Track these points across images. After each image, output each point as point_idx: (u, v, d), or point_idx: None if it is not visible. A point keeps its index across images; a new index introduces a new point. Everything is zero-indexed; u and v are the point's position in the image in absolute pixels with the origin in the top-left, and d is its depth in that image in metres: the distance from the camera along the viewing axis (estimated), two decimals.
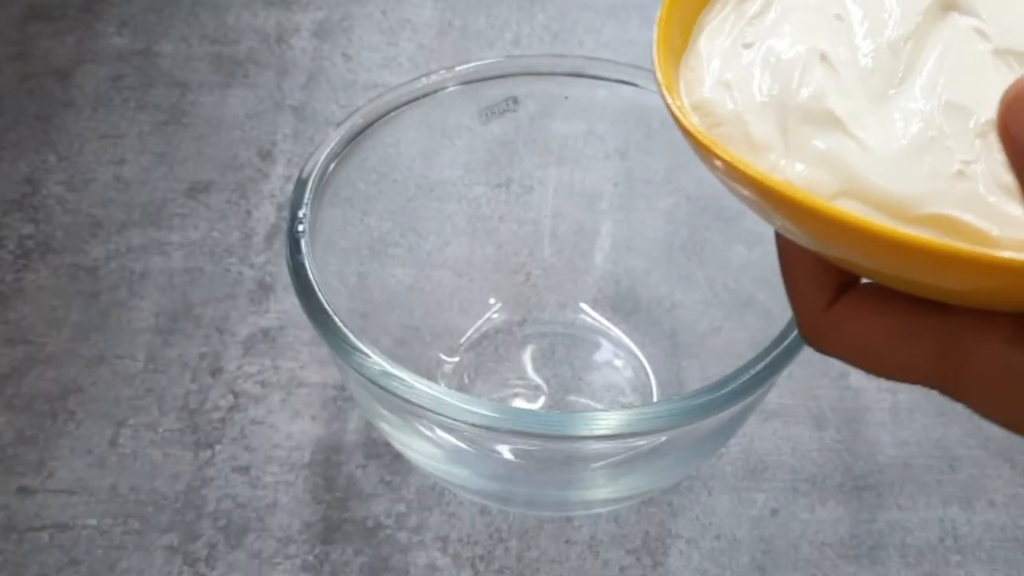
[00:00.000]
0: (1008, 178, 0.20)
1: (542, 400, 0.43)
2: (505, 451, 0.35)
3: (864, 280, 0.24)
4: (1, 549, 0.39)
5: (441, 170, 0.43)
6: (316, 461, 0.42)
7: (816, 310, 0.24)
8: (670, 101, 0.23)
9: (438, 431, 0.34)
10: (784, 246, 0.25)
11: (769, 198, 0.21)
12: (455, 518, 0.40)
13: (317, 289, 0.33)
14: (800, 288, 0.24)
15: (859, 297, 0.23)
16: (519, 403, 0.43)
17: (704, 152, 0.22)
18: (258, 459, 0.42)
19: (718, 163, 0.22)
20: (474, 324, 0.45)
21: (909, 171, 0.20)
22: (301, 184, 0.36)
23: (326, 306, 0.33)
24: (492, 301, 0.46)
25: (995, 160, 0.20)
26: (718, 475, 0.42)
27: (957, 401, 0.22)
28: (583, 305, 0.46)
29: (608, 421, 0.31)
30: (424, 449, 0.36)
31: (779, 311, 0.33)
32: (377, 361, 0.31)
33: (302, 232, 0.35)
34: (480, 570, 0.39)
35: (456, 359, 0.44)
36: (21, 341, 0.45)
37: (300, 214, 0.35)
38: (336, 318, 0.33)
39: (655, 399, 0.43)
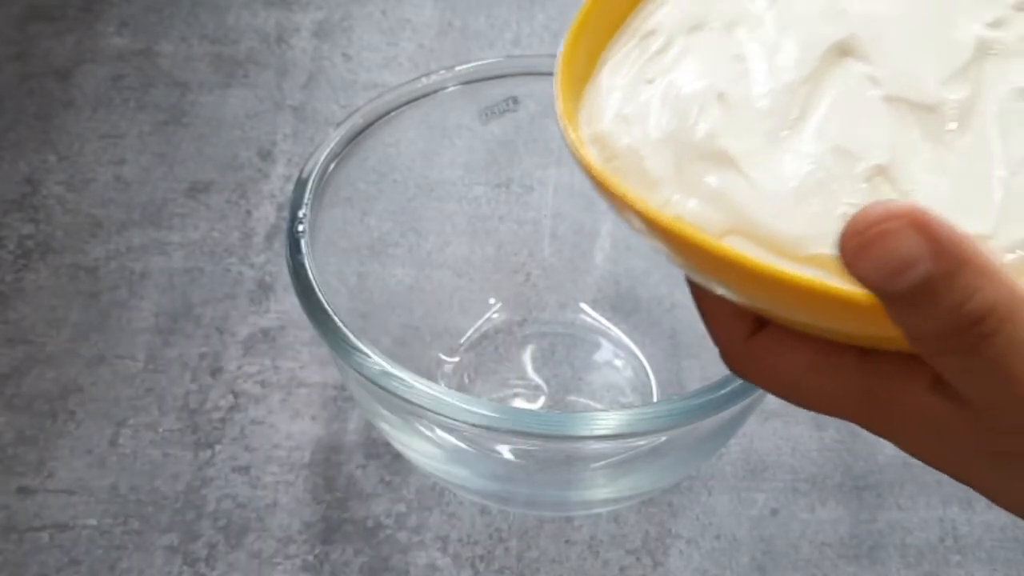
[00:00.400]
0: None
1: (542, 400, 0.43)
2: (505, 451, 0.35)
3: None
4: (1, 549, 0.39)
5: (441, 170, 0.43)
6: (316, 461, 0.42)
7: (736, 339, 0.24)
8: (569, 133, 0.23)
9: (438, 431, 0.34)
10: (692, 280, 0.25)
11: (653, 230, 0.21)
12: (455, 518, 0.40)
13: (317, 289, 0.33)
14: (715, 319, 0.24)
15: (783, 329, 0.23)
16: (519, 403, 0.43)
17: (597, 184, 0.22)
18: (258, 459, 0.42)
19: (609, 195, 0.22)
20: (474, 324, 0.45)
21: (797, 212, 0.21)
22: (301, 184, 0.36)
23: (326, 306, 0.33)
24: (492, 301, 0.45)
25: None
26: (718, 475, 0.42)
27: (883, 438, 0.23)
28: (583, 305, 0.46)
29: (608, 421, 0.31)
30: (424, 449, 0.36)
31: None
32: (377, 361, 0.31)
33: (302, 232, 0.35)
34: (480, 570, 0.39)
35: (456, 359, 0.44)
36: (21, 341, 0.45)
37: (300, 214, 0.35)
38: (336, 318, 0.33)
39: (655, 399, 0.43)
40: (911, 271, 0.18)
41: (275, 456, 0.42)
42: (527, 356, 0.45)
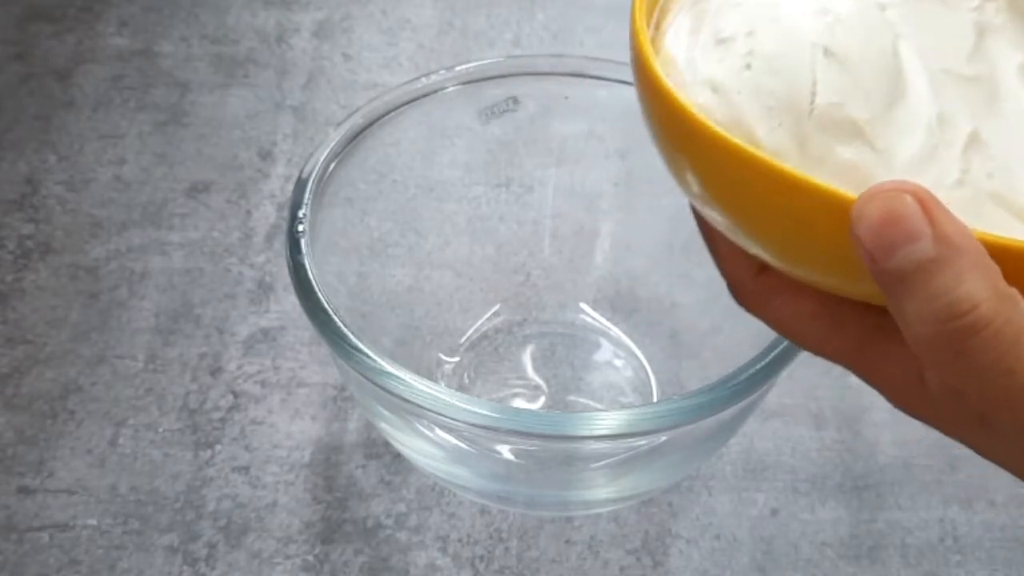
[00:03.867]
0: (995, 184, 0.21)
1: (542, 400, 0.43)
2: (505, 451, 0.35)
3: None
4: (1, 549, 0.39)
5: (441, 170, 0.43)
6: (316, 461, 0.42)
7: (746, 276, 0.25)
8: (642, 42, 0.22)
9: (438, 431, 0.34)
10: (700, 216, 0.25)
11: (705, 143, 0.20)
12: (455, 518, 0.40)
13: (317, 289, 0.33)
14: (727, 257, 0.25)
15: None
16: (519, 403, 0.43)
17: (677, 120, 0.21)
18: (258, 459, 0.42)
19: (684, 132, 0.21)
20: (474, 324, 0.45)
21: (919, 181, 0.20)
22: (301, 184, 0.36)
23: (326, 306, 0.33)
24: (492, 301, 0.45)
25: (982, 169, 0.21)
26: (718, 475, 0.42)
27: (870, 386, 0.24)
28: (583, 305, 0.46)
29: (608, 421, 0.31)
30: (424, 449, 0.36)
31: None
32: (377, 361, 0.31)
33: (302, 232, 0.35)
34: (480, 570, 0.39)
35: (456, 359, 0.44)
36: (21, 341, 0.45)
37: (300, 214, 0.35)
38: (336, 318, 0.33)
39: (655, 399, 0.43)
40: (910, 246, 0.18)
41: (275, 456, 0.42)
42: (527, 356, 0.45)
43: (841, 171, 0.21)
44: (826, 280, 0.23)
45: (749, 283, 0.25)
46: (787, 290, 0.24)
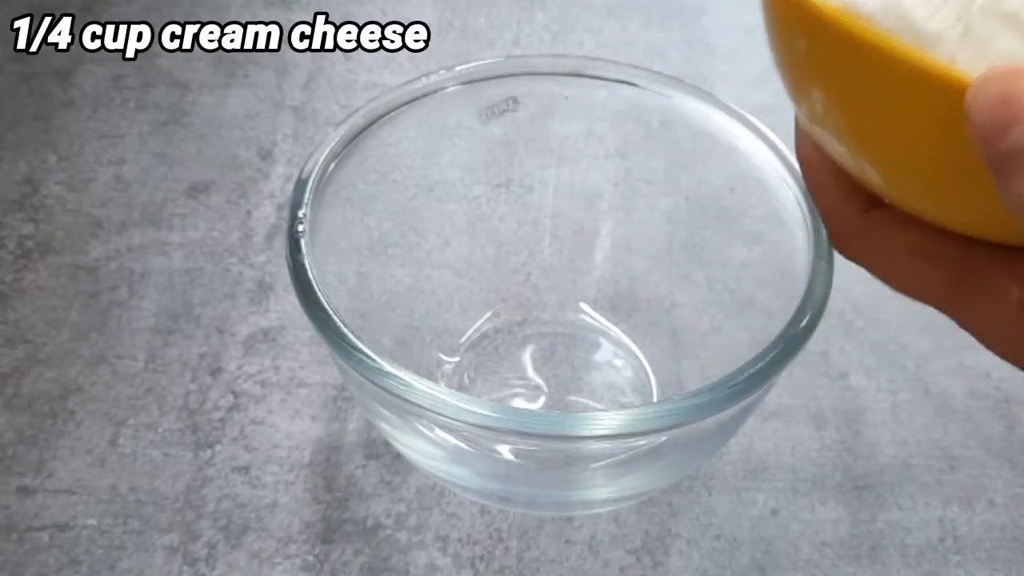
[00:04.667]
0: None
1: (542, 400, 0.43)
2: (505, 451, 0.35)
3: None
4: (1, 549, 0.39)
5: (441, 170, 0.43)
6: (316, 461, 0.42)
7: (850, 215, 0.25)
8: None
9: (438, 431, 0.34)
10: (806, 160, 0.26)
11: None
12: (455, 518, 0.40)
13: (317, 289, 0.33)
14: (828, 199, 0.25)
15: (895, 209, 0.24)
16: (519, 403, 0.43)
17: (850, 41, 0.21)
18: (258, 459, 0.42)
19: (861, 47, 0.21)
20: (474, 324, 0.45)
21: None
22: (301, 184, 0.36)
23: (326, 306, 0.33)
24: (492, 301, 0.45)
25: None
26: (718, 475, 0.42)
27: (964, 329, 0.23)
28: (583, 305, 0.46)
29: (608, 421, 0.31)
30: (424, 449, 0.36)
31: (779, 311, 0.33)
32: (377, 361, 0.31)
33: (302, 232, 0.35)
34: (480, 570, 0.39)
35: (456, 359, 0.44)
36: (21, 341, 0.45)
37: (300, 214, 0.35)
38: (336, 318, 0.32)
39: (655, 399, 0.43)
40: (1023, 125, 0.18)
41: (275, 456, 0.42)
42: (527, 356, 0.45)
43: (1001, 59, 0.21)
44: (940, 198, 0.22)
45: (852, 223, 0.25)
46: (891, 227, 0.24)
